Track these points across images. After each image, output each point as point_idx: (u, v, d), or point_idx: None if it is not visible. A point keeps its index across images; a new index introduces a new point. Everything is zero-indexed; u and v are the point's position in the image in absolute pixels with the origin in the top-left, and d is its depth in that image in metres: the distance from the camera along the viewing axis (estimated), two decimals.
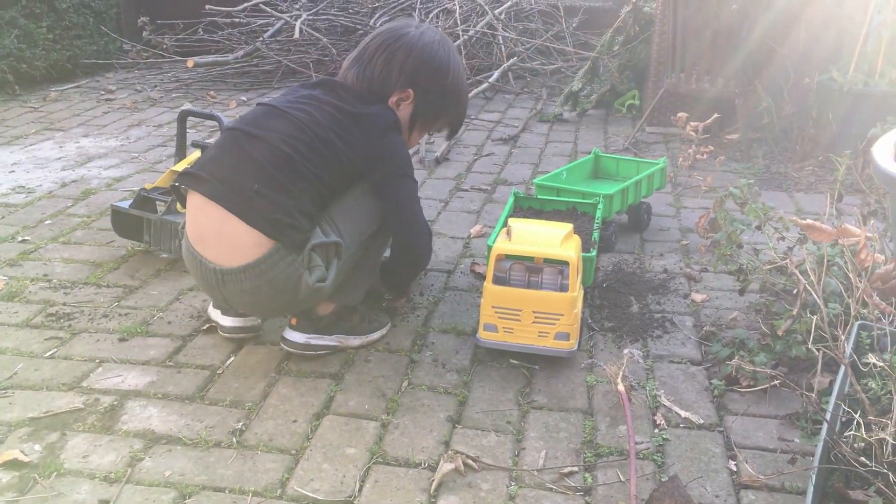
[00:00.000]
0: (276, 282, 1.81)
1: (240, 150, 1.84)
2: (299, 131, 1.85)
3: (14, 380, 1.89)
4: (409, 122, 2.06)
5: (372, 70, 1.99)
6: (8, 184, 3.29)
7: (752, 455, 1.66)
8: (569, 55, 5.60)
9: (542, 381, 1.93)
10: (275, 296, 1.84)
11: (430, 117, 2.10)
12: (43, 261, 2.56)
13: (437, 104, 2.07)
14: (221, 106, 4.71)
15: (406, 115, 2.04)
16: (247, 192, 1.79)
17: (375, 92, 1.99)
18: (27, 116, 4.44)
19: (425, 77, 2.01)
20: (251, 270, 1.79)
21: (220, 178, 1.82)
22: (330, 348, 2.02)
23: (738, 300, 2.31)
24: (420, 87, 2.01)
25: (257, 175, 1.80)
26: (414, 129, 2.09)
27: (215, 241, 1.82)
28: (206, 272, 1.85)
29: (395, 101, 2.01)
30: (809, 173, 3.50)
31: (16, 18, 4.87)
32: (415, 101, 2.02)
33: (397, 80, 1.99)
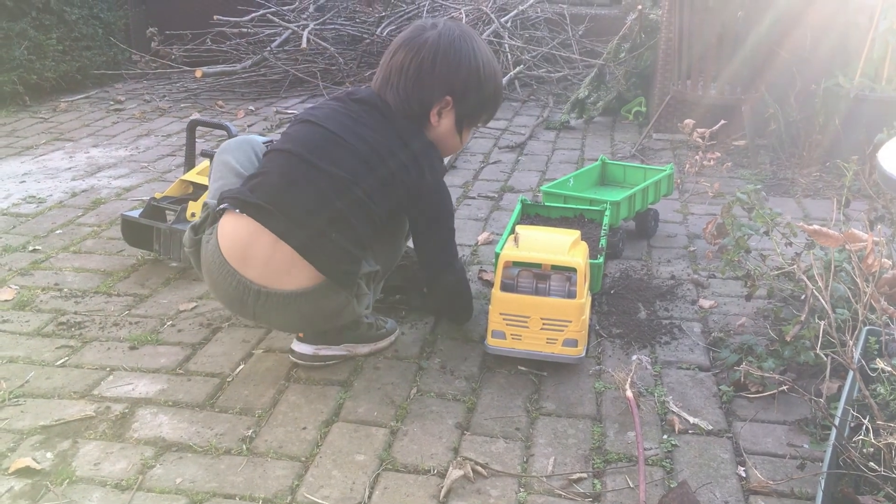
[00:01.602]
0: (323, 309, 1.87)
1: (312, 186, 1.82)
2: (368, 170, 1.84)
3: (26, 388, 1.91)
4: (456, 127, 2.02)
5: (406, 91, 1.92)
6: (19, 194, 3.32)
7: (761, 461, 1.66)
8: (575, 63, 5.61)
9: (550, 387, 1.93)
10: (316, 320, 1.90)
11: (475, 114, 2.05)
12: (54, 270, 2.58)
13: (478, 100, 2.01)
14: (229, 115, 4.74)
15: (450, 122, 1.99)
16: (320, 237, 1.80)
17: (415, 111, 1.94)
18: (37, 127, 4.47)
19: (460, 80, 1.95)
20: (301, 297, 1.82)
21: (291, 217, 1.80)
22: (339, 357, 2.03)
23: (746, 306, 2.31)
24: (457, 92, 1.95)
25: (332, 220, 1.80)
26: (462, 130, 2.05)
27: (261, 265, 1.81)
28: (238, 288, 1.83)
29: (437, 112, 1.96)
30: (816, 179, 3.50)
31: (26, 30, 4.90)
32: (455, 106, 1.97)
33: (433, 93, 1.93)
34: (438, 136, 1.99)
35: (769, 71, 3.76)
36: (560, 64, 5.65)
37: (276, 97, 5.21)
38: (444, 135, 2.00)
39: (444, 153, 2.05)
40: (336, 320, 1.93)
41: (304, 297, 1.82)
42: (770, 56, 3.69)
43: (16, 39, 4.84)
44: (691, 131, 3.41)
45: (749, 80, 3.71)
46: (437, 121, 1.97)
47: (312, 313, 1.87)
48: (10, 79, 4.82)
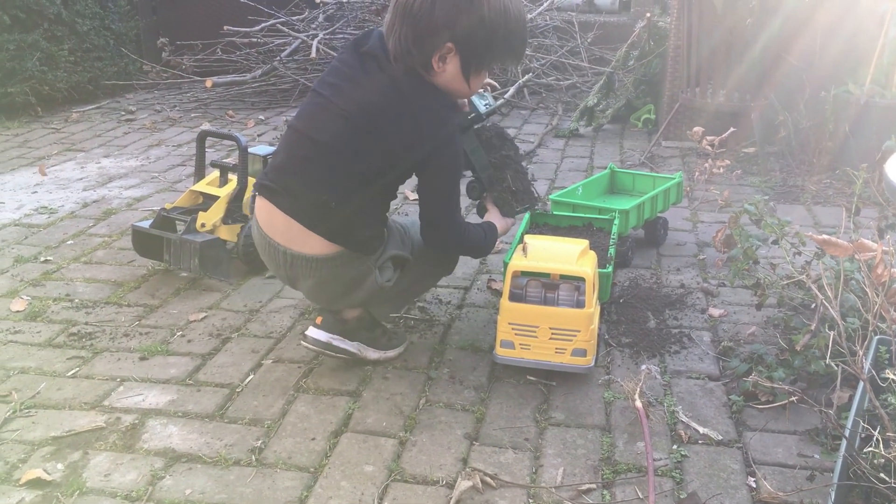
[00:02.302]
0: (343, 277, 1.94)
1: (306, 159, 1.90)
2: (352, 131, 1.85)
3: (37, 399, 1.92)
4: (463, 73, 1.89)
5: (406, 36, 1.83)
6: (31, 205, 3.34)
7: (772, 471, 1.65)
8: (584, 70, 5.61)
9: (559, 397, 1.93)
10: (338, 287, 1.97)
11: (484, 58, 1.91)
12: (65, 281, 2.59)
13: (485, 46, 1.87)
14: (239, 125, 4.76)
15: (455, 67, 1.88)
16: (322, 207, 1.87)
17: (416, 57, 1.84)
18: (49, 137, 4.50)
19: (461, 26, 1.82)
20: (321, 263, 1.91)
21: (293, 193, 1.90)
22: (348, 354, 2.02)
23: (756, 315, 2.30)
24: (459, 37, 1.84)
25: (328, 187, 1.86)
26: (470, 77, 1.91)
27: (286, 237, 1.92)
28: (275, 253, 1.94)
29: (439, 58, 1.85)
30: (827, 186, 3.48)
31: (38, 41, 4.95)
32: (459, 52, 1.86)
33: (433, 39, 1.83)
34: (444, 82, 1.90)
35: (778, 78, 3.75)
36: (569, 72, 5.65)
37: (285, 106, 5.24)
38: (450, 81, 1.90)
39: (453, 98, 1.99)
40: (358, 292, 1.98)
41: (324, 263, 1.91)
42: (779, 63, 3.68)
43: (28, 51, 4.89)
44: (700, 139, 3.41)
45: (758, 87, 3.71)
46: (440, 67, 1.87)
47: (333, 280, 1.94)
48: (23, 90, 4.86)
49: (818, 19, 3.67)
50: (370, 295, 2.00)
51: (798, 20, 3.62)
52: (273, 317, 2.34)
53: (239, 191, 2.62)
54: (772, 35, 3.63)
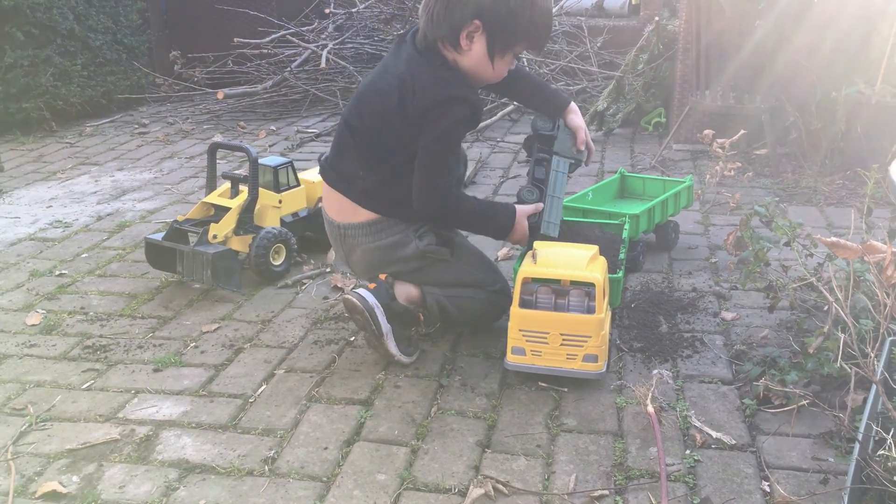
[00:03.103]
0: (384, 242, 2.11)
1: (341, 139, 2.15)
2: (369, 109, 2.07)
3: (52, 412, 1.94)
4: (488, 53, 2.00)
5: (437, 13, 1.97)
6: (46, 219, 3.37)
7: (786, 475, 1.64)
8: (594, 75, 5.61)
9: (571, 403, 1.93)
10: (382, 254, 2.12)
11: (509, 41, 2.01)
12: (80, 294, 2.62)
13: (510, 25, 1.97)
14: (251, 136, 4.79)
15: (482, 48, 1.99)
16: (355, 178, 2.10)
17: (445, 33, 1.98)
18: (64, 152, 4.55)
19: (487, 5, 1.93)
20: (365, 228, 2.11)
21: (338, 170, 2.15)
22: (378, 332, 2.04)
23: (769, 318, 2.29)
24: (486, 15, 1.94)
25: (358, 161, 2.09)
26: (495, 58, 2.02)
27: (338, 211, 2.16)
28: (333, 229, 2.19)
29: (466, 37, 1.97)
30: (840, 187, 3.46)
31: (51, 57, 5.00)
32: (485, 31, 1.96)
33: (461, 15, 1.94)
34: (471, 61, 2.02)
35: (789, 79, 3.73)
36: (579, 76, 5.64)
37: (296, 116, 5.27)
38: (477, 61, 2.01)
39: (480, 81, 2.09)
40: (401, 260, 2.11)
41: (368, 229, 2.10)
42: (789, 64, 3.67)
43: (42, 66, 4.94)
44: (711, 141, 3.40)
45: (768, 89, 3.69)
46: (467, 45, 1.99)
47: (376, 246, 2.11)
48: (37, 105, 4.92)
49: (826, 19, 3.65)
50: (415, 264, 2.11)
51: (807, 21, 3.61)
52: (285, 326, 2.36)
53: (250, 202, 2.64)
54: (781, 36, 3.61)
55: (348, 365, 2.13)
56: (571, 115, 2.32)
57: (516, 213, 2.13)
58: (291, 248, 2.71)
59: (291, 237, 2.71)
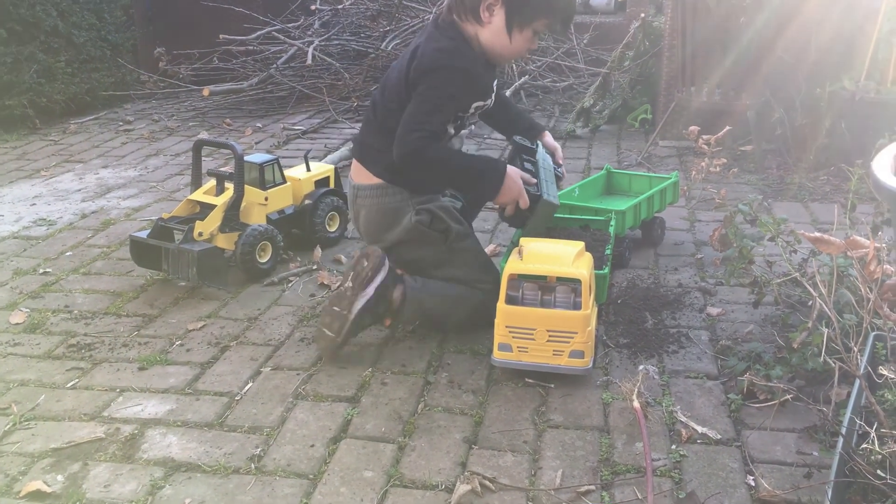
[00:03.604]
0: (384, 207, 2.19)
1: (367, 116, 2.29)
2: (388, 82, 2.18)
3: (37, 411, 1.92)
4: (507, 26, 2.07)
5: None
6: (29, 217, 3.35)
7: (770, 469, 1.65)
8: (580, 72, 5.62)
9: (557, 399, 1.93)
10: (381, 218, 2.20)
11: (527, 15, 2.07)
12: (64, 292, 2.60)
13: (529, 4, 2.06)
14: (237, 133, 4.77)
15: (501, 21, 2.06)
16: (365, 144, 2.26)
17: (468, 10, 2.06)
18: (48, 149, 4.51)
19: None
20: (369, 190, 2.20)
21: (358, 140, 2.33)
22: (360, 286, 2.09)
23: (754, 313, 2.31)
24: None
25: (374, 131, 2.22)
26: (513, 32, 2.08)
27: (355, 169, 2.29)
28: (350, 190, 2.29)
29: (486, 9, 2.05)
30: (824, 183, 3.49)
31: (35, 53, 4.96)
32: (503, 4, 2.04)
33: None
34: (491, 34, 2.09)
35: (773, 75, 3.75)
36: (565, 73, 5.65)
37: (283, 114, 5.25)
38: (496, 34, 2.08)
39: (500, 56, 2.16)
40: (397, 228, 2.18)
41: (372, 191, 2.20)
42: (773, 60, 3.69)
43: (25, 63, 4.90)
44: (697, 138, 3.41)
45: (753, 86, 3.71)
46: (487, 17, 2.06)
47: (377, 209, 2.20)
48: (21, 102, 4.87)
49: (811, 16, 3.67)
50: (407, 236, 2.18)
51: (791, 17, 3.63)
52: (272, 324, 2.35)
53: (236, 199, 2.62)
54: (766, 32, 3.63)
55: (335, 362, 2.12)
56: (547, 137, 2.43)
57: (507, 170, 2.11)
58: (278, 246, 2.70)
59: (278, 234, 2.70)
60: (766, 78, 3.74)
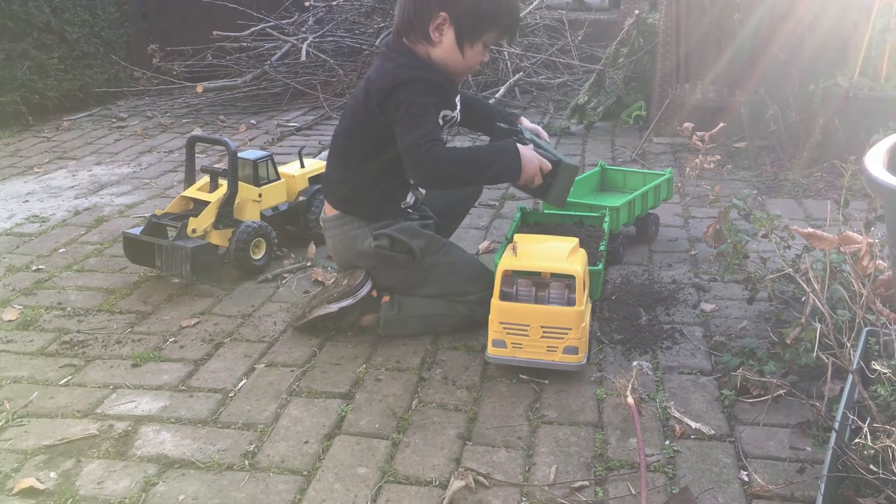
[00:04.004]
0: (345, 236, 2.24)
1: (329, 148, 2.32)
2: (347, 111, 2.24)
3: (29, 408, 1.92)
4: (457, 43, 2.08)
5: (407, 10, 2.08)
6: (22, 213, 3.34)
7: (764, 465, 1.66)
8: (575, 68, 5.62)
9: (551, 395, 1.93)
10: (345, 247, 2.26)
11: (476, 29, 2.08)
12: (57, 289, 2.59)
13: (475, 13, 2.06)
14: (231, 129, 4.76)
15: (451, 39, 2.07)
16: (327, 177, 2.32)
17: (416, 28, 2.08)
18: (40, 146, 4.50)
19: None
20: (330, 222, 2.28)
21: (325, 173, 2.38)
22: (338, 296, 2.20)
23: (748, 309, 2.31)
24: (450, 7, 2.04)
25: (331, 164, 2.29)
26: (465, 47, 2.09)
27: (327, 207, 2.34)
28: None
29: (435, 29, 2.06)
30: (818, 179, 3.49)
31: (27, 50, 4.94)
32: (452, 21, 2.05)
33: (428, 9, 2.05)
34: (443, 52, 2.09)
35: (767, 72, 3.76)
36: (560, 70, 5.66)
37: (277, 110, 5.24)
38: (447, 51, 2.09)
39: (453, 72, 2.16)
40: (358, 253, 2.22)
41: (332, 222, 2.27)
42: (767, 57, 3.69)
43: (18, 60, 4.88)
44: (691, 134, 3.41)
45: (747, 82, 3.72)
46: (437, 37, 2.07)
47: (339, 238, 2.26)
48: (13, 99, 4.85)
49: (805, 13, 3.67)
50: (372, 262, 2.21)
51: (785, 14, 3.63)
52: (265, 321, 2.34)
53: (229, 195, 2.62)
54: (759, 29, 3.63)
55: (329, 359, 2.12)
56: (525, 121, 2.41)
57: (518, 149, 2.11)
58: (271, 242, 2.69)
59: (271, 231, 2.69)
60: (760, 75, 3.74)
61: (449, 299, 2.22)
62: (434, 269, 2.21)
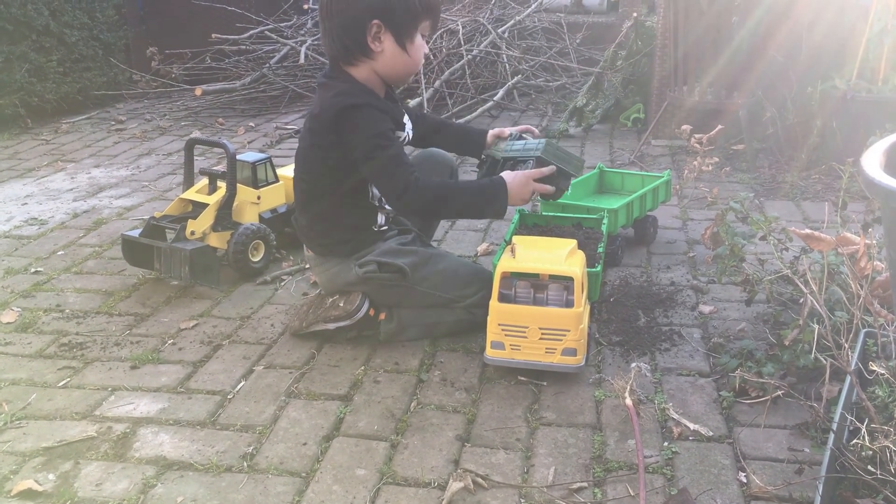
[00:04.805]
0: (329, 271, 2.24)
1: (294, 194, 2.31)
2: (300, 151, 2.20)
3: (28, 410, 1.92)
4: (398, 44, 2.04)
5: (336, 31, 2.03)
6: (21, 216, 3.34)
7: (762, 466, 1.66)
8: (573, 71, 5.63)
9: (550, 397, 1.93)
10: (332, 281, 2.24)
11: (411, 23, 2.04)
12: (56, 291, 2.59)
13: (406, 9, 2.02)
14: (230, 132, 4.76)
15: (391, 42, 2.03)
16: (299, 225, 2.29)
17: (351, 47, 2.03)
18: (39, 149, 4.50)
19: (376, 2, 1.99)
20: (312, 260, 2.30)
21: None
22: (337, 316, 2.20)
23: (746, 311, 2.31)
24: (380, 13, 1.99)
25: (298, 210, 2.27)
26: (406, 45, 2.05)
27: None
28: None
29: (373, 40, 2.01)
30: (816, 181, 3.50)
31: (26, 53, 4.94)
32: (386, 25, 2.01)
33: (360, 23, 2.00)
34: (387, 59, 2.05)
35: (765, 74, 3.76)
36: (558, 73, 5.66)
37: (275, 113, 5.24)
38: (392, 56, 2.05)
39: (403, 74, 2.14)
40: (346, 283, 2.21)
41: (313, 261, 2.29)
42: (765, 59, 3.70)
43: (16, 62, 4.88)
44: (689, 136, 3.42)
45: (745, 85, 3.72)
46: (378, 46, 2.03)
47: (324, 274, 2.26)
48: (12, 101, 4.85)
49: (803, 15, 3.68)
50: (364, 287, 2.19)
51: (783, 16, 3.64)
52: (264, 323, 2.35)
53: (228, 198, 2.62)
54: (757, 32, 3.64)
55: (327, 360, 2.12)
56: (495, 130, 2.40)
57: (504, 179, 2.10)
58: (270, 245, 2.70)
59: (270, 233, 2.69)
60: (758, 77, 3.75)
61: (447, 305, 2.21)
62: (427, 282, 2.19)
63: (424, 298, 2.20)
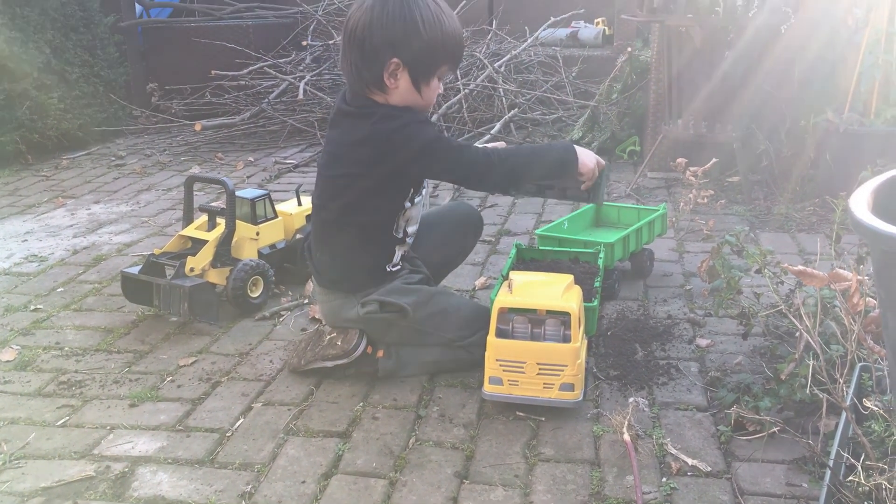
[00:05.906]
0: (332, 303, 2.25)
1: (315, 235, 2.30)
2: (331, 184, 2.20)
3: (27, 449, 1.92)
4: (414, 84, 2.06)
5: (356, 65, 2.05)
6: (21, 253, 3.35)
7: (761, 501, 1.66)
8: (569, 104, 5.68)
9: (548, 432, 1.94)
10: (334, 313, 2.25)
11: (429, 67, 2.06)
12: (55, 329, 2.60)
13: (426, 53, 2.03)
14: (229, 167, 4.80)
15: (406, 81, 2.04)
16: (313, 254, 2.29)
17: (369, 80, 2.05)
18: (39, 185, 4.53)
19: (399, 40, 1.99)
20: (318, 295, 2.32)
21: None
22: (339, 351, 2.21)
23: (743, 344, 2.32)
24: (401, 51, 2.00)
25: (316, 244, 2.27)
26: (421, 87, 2.07)
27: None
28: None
29: (389, 76, 2.02)
30: (811, 213, 3.52)
31: (27, 90, 4.99)
32: (405, 65, 2.02)
33: (378, 58, 2.01)
34: (401, 96, 2.07)
35: (759, 108, 3.81)
36: (554, 106, 5.71)
37: (274, 147, 5.28)
38: (405, 94, 2.07)
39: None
40: (346, 319, 2.22)
41: (319, 295, 2.31)
42: (759, 93, 3.74)
43: (17, 100, 4.93)
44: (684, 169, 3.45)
45: (739, 118, 3.76)
46: (393, 83, 2.04)
47: (327, 305, 2.27)
48: (13, 139, 4.89)
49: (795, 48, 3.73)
50: (363, 325, 2.20)
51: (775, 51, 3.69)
52: (262, 359, 2.35)
53: (227, 234, 2.64)
54: (751, 66, 3.69)
55: (326, 397, 2.13)
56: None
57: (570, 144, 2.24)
58: (269, 280, 2.71)
59: (269, 269, 2.71)
60: (752, 110, 3.79)
61: (446, 345, 2.22)
62: (428, 322, 2.19)
63: (424, 337, 2.21)
